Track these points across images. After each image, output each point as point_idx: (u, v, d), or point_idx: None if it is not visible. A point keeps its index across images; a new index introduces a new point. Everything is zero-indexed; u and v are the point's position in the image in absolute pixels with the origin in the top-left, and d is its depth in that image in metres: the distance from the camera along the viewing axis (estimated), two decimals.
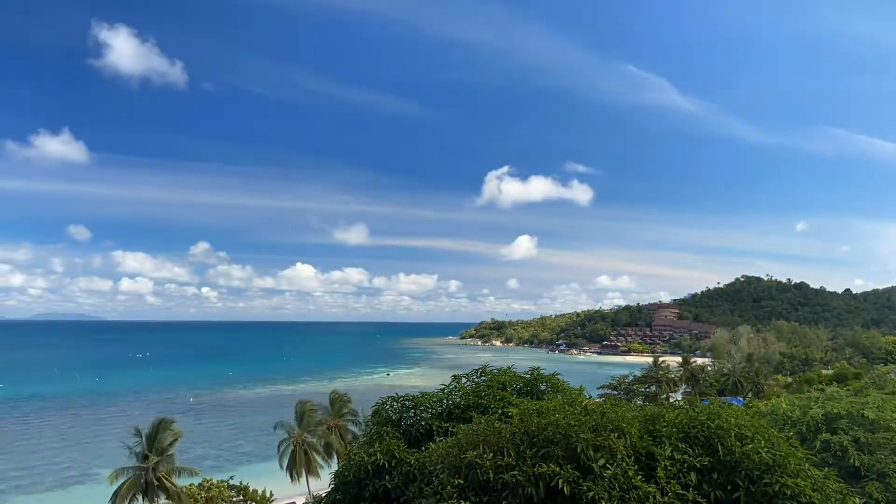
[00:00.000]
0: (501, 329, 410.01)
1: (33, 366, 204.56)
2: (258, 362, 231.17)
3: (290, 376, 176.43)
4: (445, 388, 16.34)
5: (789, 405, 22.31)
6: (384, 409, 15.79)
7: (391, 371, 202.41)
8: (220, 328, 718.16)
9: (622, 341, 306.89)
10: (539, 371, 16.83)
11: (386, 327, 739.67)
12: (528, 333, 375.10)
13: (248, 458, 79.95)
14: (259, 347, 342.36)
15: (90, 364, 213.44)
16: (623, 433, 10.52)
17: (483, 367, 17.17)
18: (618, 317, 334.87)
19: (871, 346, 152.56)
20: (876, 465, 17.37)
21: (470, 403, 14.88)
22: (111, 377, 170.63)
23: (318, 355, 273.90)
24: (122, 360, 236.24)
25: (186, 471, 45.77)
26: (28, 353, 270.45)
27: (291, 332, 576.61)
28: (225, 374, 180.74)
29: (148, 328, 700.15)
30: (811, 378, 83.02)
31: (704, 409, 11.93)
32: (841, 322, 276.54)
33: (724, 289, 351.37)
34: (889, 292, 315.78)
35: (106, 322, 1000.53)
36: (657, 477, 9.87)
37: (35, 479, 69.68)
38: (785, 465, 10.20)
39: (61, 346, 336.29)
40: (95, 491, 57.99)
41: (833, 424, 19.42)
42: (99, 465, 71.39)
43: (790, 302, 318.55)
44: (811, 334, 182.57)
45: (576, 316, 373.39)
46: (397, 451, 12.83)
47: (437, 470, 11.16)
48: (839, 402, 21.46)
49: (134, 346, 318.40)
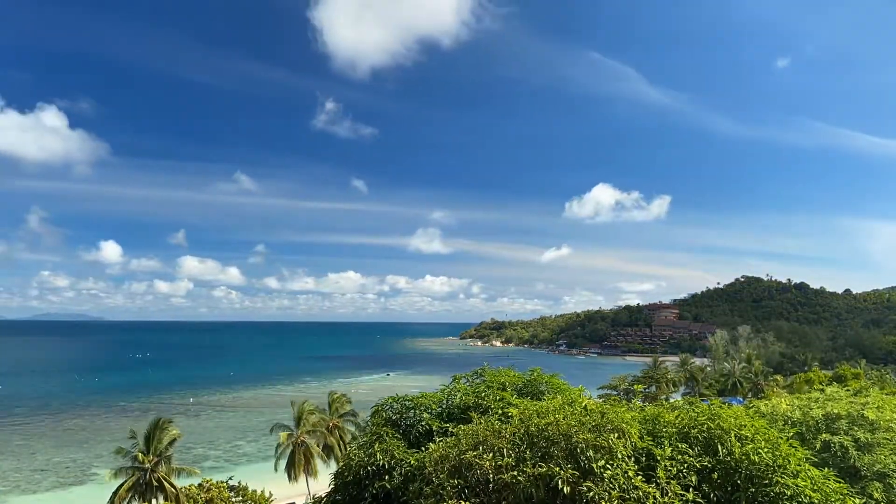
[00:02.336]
0: (501, 329, 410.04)
1: (33, 366, 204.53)
2: (258, 362, 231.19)
3: (291, 377, 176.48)
4: (445, 388, 16.34)
5: (789, 406, 22.28)
6: (384, 409, 15.79)
7: (391, 371, 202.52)
8: (232, 328, 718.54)
9: (622, 341, 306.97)
10: (539, 371, 16.83)
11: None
12: (528, 333, 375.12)
13: (247, 458, 79.92)
14: (260, 347, 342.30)
15: (90, 364, 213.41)
16: (623, 434, 10.51)
17: (483, 368, 17.17)
18: (618, 317, 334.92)
19: (871, 346, 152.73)
20: (876, 465, 17.36)
21: (470, 404, 14.88)
22: (111, 377, 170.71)
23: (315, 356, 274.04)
24: (122, 361, 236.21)
25: (185, 471, 45.75)
26: (28, 354, 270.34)
27: (292, 333, 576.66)
28: (226, 374, 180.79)
29: (149, 328, 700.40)
30: (811, 378, 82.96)
31: (704, 409, 11.92)
32: (841, 322, 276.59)
33: (724, 289, 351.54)
34: (889, 292, 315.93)
35: (106, 322, 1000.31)
36: (657, 477, 9.85)
37: (35, 479, 69.67)
38: (785, 465, 10.20)
39: (61, 346, 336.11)
40: (95, 491, 58.03)
41: (833, 425, 19.40)
42: (99, 465, 71.42)
43: (790, 302, 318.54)
44: (811, 334, 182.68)
45: (576, 316, 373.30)
46: (397, 452, 12.82)
47: (437, 470, 11.14)
48: (839, 402, 21.43)
49: (135, 347, 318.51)
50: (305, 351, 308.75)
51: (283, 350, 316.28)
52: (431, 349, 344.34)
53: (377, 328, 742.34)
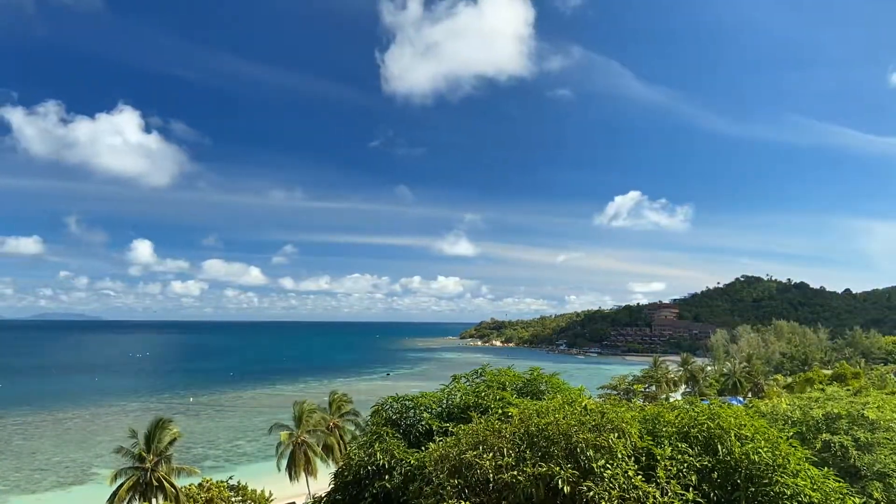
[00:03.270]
0: (501, 329, 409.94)
1: (33, 366, 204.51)
2: (259, 363, 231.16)
3: (291, 377, 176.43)
4: (445, 388, 16.34)
5: (789, 405, 22.30)
6: (384, 409, 15.79)
7: (391, 371, 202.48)
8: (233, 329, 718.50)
9: (622, 341, 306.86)
10: (539, 371, 16.83)
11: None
12: (528, 333, 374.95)
13: (247, 458, 79.94)
14: (259, 348, 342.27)
15: (90, 364, 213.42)
16: (623, 433, 10.51)
17: (483, 368, 17.17)
18: (618, 317, 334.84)
19: (871, 346, 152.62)
20: (876, 464, 17.37)
21: (470, 403, 14.88)
22: (110, 377, 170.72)
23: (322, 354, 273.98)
24: (122, 361, 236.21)
25: (186, 471, 45.75)
26: (28, 353, 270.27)
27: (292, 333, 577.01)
28: (226, 374, 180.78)
29: (150, 328, 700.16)
30: (811, 378, 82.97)
31: (704, 409, 11.92)
32: (841, 322, 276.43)
33: (724, 289, 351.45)
34: (889, 292, 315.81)
35: (105, 322, 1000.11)
36: (657, 477, 9.85)
37: (35, 479, 69.68)
38: (785, 465, 10.20)
39: (61, 346, 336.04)
40: (95, 491, 58.01)
41: (833, 424, 19.41)
42: (99, 465, 71.44)
43: (790, 302, 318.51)
44: (811, 334, 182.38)
45: (576, 316, 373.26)
46: (397, 452, 12.83)
47: (437, 470, 11.14)
48: (839, 402, 21.46)
49: (136, 347, 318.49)
50: (308, 351, 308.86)
51: (283, 350, 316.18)
52: (431, 349, 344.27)
53: (380, 328, 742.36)
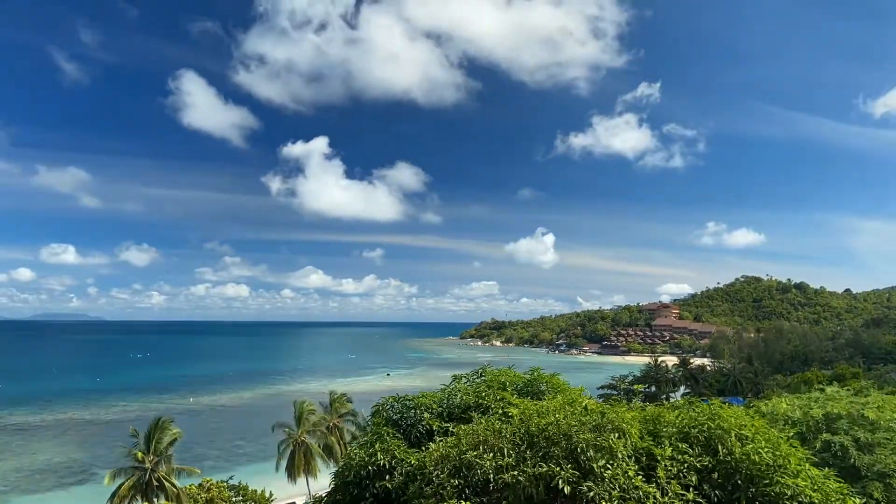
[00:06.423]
0: (501, 329, 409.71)
1: (33, 366, 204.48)
2: (259, 363, 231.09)
3: (290, 377, 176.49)
4: (446, 388, 16.34)
5: (789, 405, 22.27)
6: (384, 409, 15.78)
7: (391, 371, 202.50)
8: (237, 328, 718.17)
9: (622, 341, 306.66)
10: (539, 371, 16.81)
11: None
12: (528, 333, 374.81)
13: (247, 458, 79.98)
14: (259, 348, 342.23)
15: (90, 364, 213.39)
16: (623, 433, 10.50)
17: (483, 367, 17.16)
18: (618, 317, 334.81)
19: (871, 346, 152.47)
20: (876, 465, 17.36)
21: (470, 403, 14.87)
22: (110, 377, 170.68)
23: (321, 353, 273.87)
24: (122, 361, 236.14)
25: (186, 471, 45.79)
26: (27, 353, 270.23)
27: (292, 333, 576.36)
28: (226, 374, 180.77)
29: (151, 328, 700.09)
30: (811, 378, 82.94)
31: (704, 409, 11.91)
32: (841, 322, 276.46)
33: (724, 289, 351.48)
34: (889, 292, 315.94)
35: (106, 322, 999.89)
36: (657, 477, 9.85)
37: (35, 479, 69.70)
38: (785, 465, 10.18)
39: (61, 346, 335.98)
40: (95, 491, 57.98)
41: (833, 425, 19.40)
42: (99, 465, 71.41)
43: (790, 302, 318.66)
44: (811, 334, 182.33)
45: (576, 316, 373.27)
46: (398, 452, 12.82)
47: (438, 470, 11.14)
48: (839, 402, 21.44)
49: (137, 347, 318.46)
50: (308, 351, 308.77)
51: (283, 350, 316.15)
52: (432, 349, 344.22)
53: (393, 327, 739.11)
